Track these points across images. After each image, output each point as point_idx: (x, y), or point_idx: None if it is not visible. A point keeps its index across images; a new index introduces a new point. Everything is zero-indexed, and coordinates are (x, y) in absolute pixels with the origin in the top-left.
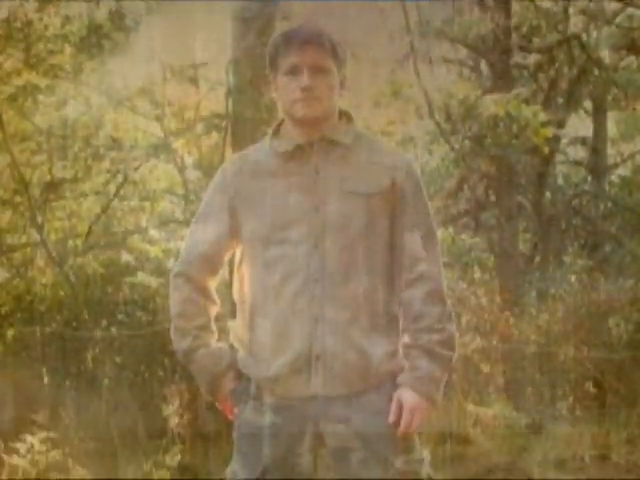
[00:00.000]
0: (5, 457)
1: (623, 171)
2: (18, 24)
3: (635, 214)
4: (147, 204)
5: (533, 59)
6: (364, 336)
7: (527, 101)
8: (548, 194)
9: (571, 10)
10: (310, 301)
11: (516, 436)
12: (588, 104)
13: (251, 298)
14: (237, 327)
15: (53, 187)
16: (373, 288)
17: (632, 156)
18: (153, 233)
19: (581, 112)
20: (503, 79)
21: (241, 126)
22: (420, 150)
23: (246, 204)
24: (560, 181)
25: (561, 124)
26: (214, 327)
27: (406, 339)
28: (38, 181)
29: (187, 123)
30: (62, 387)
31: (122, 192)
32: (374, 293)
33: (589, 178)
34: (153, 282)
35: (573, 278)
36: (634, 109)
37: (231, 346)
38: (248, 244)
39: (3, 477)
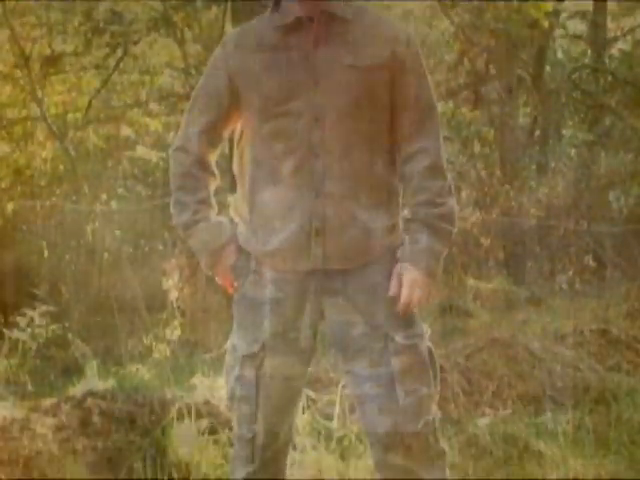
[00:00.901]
0: (5, 331)
1: (623, 45)
2: None
3: (635, 88)
4: (147, 78)
5: None
6: (364, 210)
7: None
8: (548, 68)
9: None
10: (310, 175)
11: (516, 310)
12: None
13: (251, 172)
14: (237, 201)
15: (53, 61)
16: (373, 162)
17: (632, 30)
18: (153, 107)
19: None
20: None
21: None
22: (420, 24)
23: (246, 78)
24: (560, 55)
25: None
26: (214, 201)
27: (406, 213)
28: (38, 55)
29: None
30: (62, 261)
31: (122, 66)
32: (374, 167)
33: (589, 52)
34: (153, 156)
35: (573, 152)
36: None
37: (231, 220)
38: (248, 118)
39: (3, 351)
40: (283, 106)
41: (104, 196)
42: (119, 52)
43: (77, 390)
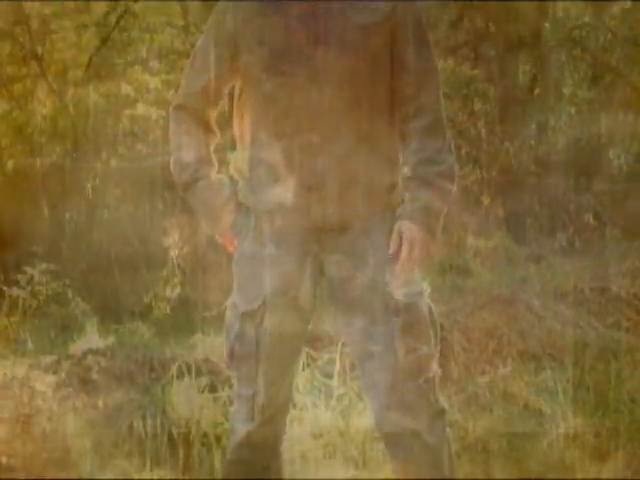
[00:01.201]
0: (5, 289)
1: (623, 2)
2: None
3: (635, 46)
4: (147, 35)
5: None
6: (364, 168)
7: None
8: (548, 25)
9: None
10: (310, 133)
11: (516, 267)
12: None
13: (251, 130)
14: (237, 159)
15: (53, 18)
16: (373, 120)
17: None
18: (153, 64)
19: None
20: None
21: None
22: None
23: (246, 36)
24: (560, 12)
25: None
26: (214, 159)
27: (406, 171)
28: (37, 12)
29: None
30: (62, 219)
31: (122, 23)
32: (374, 125)
33: (589, 9)
34: (153, 114)
35: (573, 110)
36: None
37: (231, 178)
38: (248, 76)
39: (4, 309)
40: (283, 65)
41: (104, 154)
42: (119, 9)
43: (77, 348)
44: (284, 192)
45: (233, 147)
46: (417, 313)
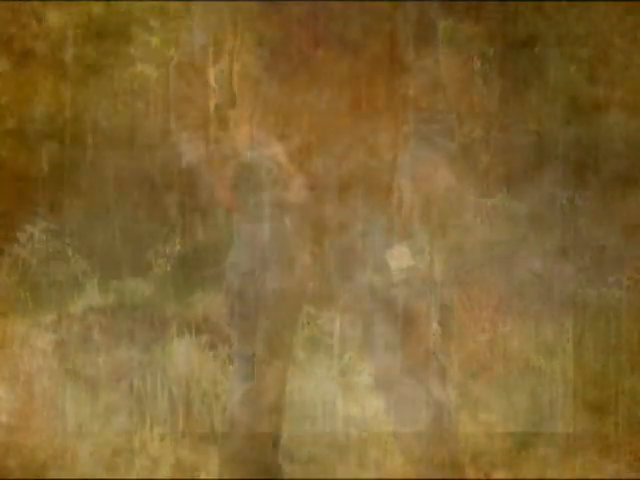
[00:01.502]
0: (5, 246)
1: None
2: None
3: (635, 5)
4: None
5: None
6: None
7: None
8: None
9: None
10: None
11: (516, 226)
12: None
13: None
14: (237, 116)
15: None
16: (374, 81)
17: None
18: (153, 23)
19: None
20: None
21: None
22: None
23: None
24: None
25: None
26: (214, 117)
27: (406, 129)
28: None
29: None
30: (63, 177)
31: None
32: (375, 87)
33: None
34: (153, 72)
35: (573, 68)
36: None
37: (231, 137)
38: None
39: (3, 267)
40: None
41: (104, 112)
42: None
43: (77, 306)
44: (283, 149)
45: (234, 105)
46: (416, 271)
